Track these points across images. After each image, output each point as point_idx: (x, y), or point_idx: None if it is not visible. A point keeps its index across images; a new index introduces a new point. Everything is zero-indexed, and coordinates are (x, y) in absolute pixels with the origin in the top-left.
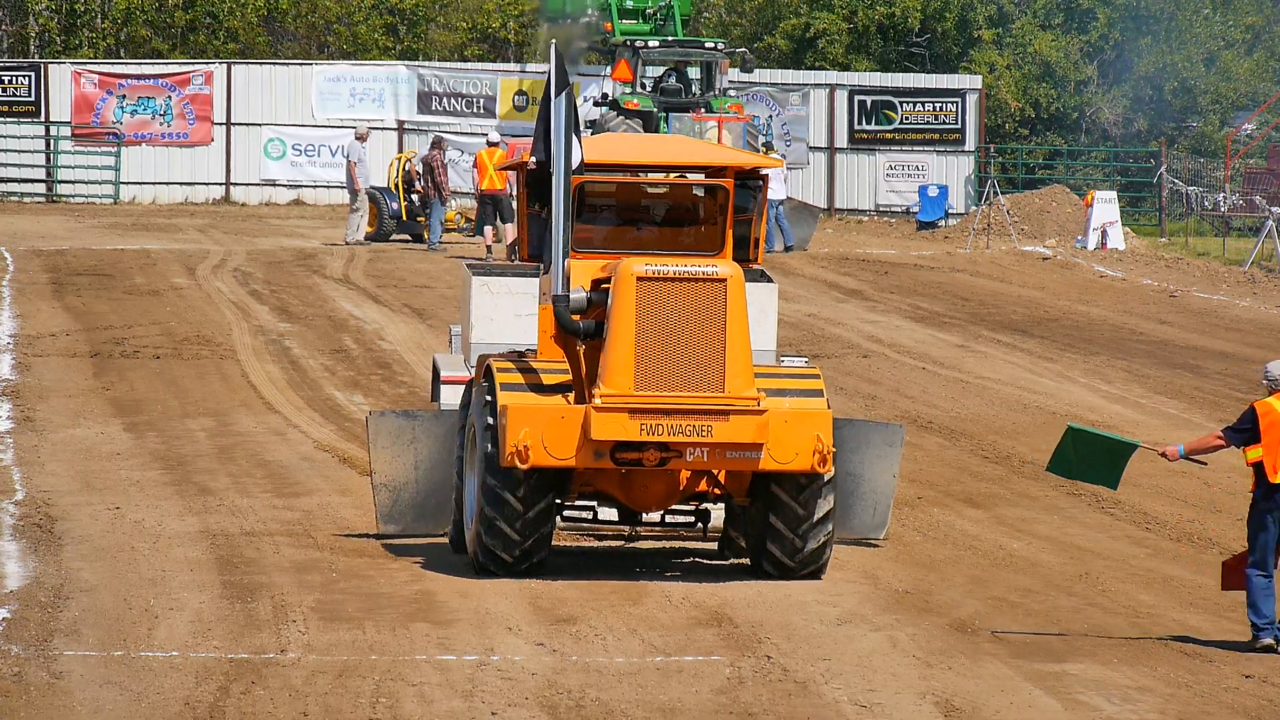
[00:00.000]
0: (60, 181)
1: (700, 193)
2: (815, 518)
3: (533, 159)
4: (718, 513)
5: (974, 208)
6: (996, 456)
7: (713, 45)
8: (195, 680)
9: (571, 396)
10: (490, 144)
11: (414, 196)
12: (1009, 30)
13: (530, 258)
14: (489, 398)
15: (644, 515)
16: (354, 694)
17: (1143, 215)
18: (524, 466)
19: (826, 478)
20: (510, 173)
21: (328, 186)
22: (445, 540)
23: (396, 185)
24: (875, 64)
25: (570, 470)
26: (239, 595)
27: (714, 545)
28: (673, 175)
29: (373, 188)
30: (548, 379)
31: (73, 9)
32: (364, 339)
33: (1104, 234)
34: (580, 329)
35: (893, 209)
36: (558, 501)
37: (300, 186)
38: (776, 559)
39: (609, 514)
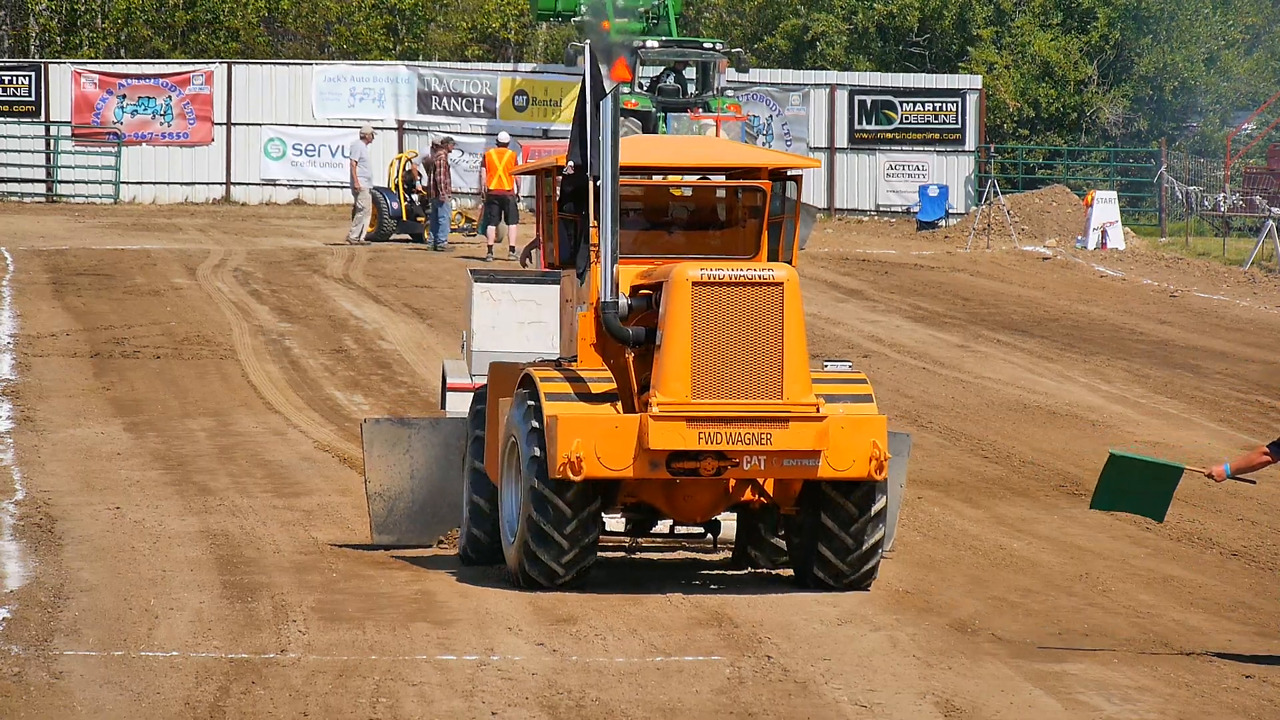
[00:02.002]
0: (60, 181)
1: (736, 195)
2: (869, 526)
3: (569, 163)
4: (728, 524)
5: (974, 208)
6: (996, 456)
7: (710, 45)
8: (195, 680)
9: (619, 405)
10: (500, 144)
11: (414, 196)
12: (1008, 30)
13: (562, 264)
14: (532, 403)
15: (654, 526)
16: (354, 694)
17: (1143, 215)
18: (577, 478)
19: (880, 486)
20: (513, 175)
21: (328, 186)
22: (438, 550)
23: (396, 185)
24: (875, 64)
25: (618, 481)
26: (239, 595)
27: (715, 556)
28: (709, 177)
29: (375, 188)
30: (594, 388)
31: (73, 9)
32: (364, 339)
33: (1104, 234)
34: (630, 336)
35: (893, 209)
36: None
37: (300, 186)
38: (827, 568)
39: (615, 524)
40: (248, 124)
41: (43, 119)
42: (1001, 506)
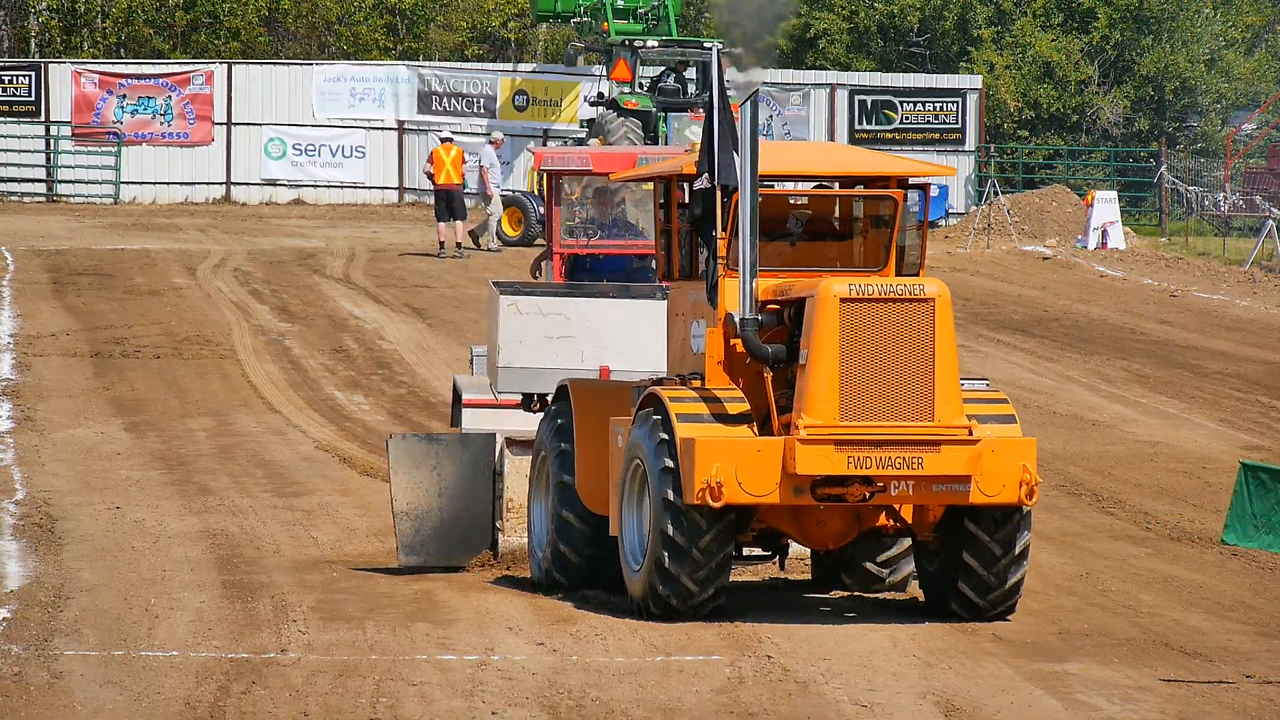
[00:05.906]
0: (60, 181)
1: (861, 204)
2: (1015, 553)
3: (703, 177)
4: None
5: (974, 207)
6: None
7: (710, 45)
8: (195, 680)
9: (754, 427)
10: (443, 141)
11: None
12: (1009, 30)
13: (682, 277)
14: (664, 431)
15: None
16: (354, 694)
17: (1143, 215)
18: (717, 504)
19: (1027, 511)
20: (622, 180)
21: (328, 186)
22: (477, 573)
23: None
24: (875, 64)
25: (753, 508)
26: (239, 595)
27: (753, 577)
28: (826, 185)
29: (519, 191)
30: (729, 408)
31: (73, 9)
32: (364, 339)
33: (1104, 234)
34: (770, 355)
35: None
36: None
37: (301, 186)
38: (969, 597)
39: None
40: (248, 124)
41: (43, 119)
42: None
